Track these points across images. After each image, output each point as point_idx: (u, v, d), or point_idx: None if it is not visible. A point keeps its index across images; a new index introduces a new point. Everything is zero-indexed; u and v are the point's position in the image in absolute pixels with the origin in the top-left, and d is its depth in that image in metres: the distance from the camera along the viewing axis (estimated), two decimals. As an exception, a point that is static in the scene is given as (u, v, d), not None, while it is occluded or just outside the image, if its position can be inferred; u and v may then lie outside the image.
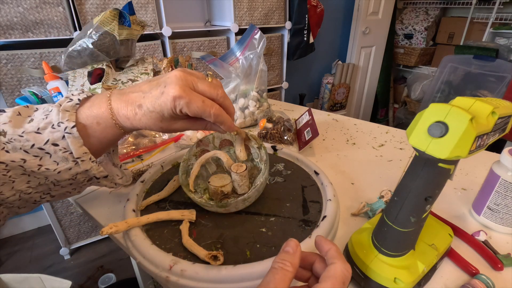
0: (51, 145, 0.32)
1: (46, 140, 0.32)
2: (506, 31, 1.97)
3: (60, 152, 0.33)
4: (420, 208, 0.28)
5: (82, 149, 0.34)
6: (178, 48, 1.43)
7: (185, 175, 0.45)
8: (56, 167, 0.33)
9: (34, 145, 0.32)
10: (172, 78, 0.33)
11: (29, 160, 0.32)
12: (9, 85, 1.12)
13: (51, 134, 0.32)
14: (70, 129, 0.33)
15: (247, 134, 0.46)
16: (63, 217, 1.40)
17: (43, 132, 0.32)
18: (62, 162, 0.33)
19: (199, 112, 0.34)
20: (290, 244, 0.26)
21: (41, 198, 0.37)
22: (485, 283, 0.32)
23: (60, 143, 0.33)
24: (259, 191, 0.42)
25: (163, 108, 0.33)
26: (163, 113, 0.33)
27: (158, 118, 0.34)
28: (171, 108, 0.33)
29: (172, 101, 0.32)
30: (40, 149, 0.32)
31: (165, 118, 0.34)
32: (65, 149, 0.33)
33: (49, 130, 0.33)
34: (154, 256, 0.34)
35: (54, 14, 1.10)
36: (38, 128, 0.33)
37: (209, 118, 0.35)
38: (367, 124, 0.80)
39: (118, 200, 0.49)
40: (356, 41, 2.33)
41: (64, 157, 0.33)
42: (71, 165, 0.34)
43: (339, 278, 0.24)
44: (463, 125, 0.22)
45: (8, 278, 0.53)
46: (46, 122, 0.33)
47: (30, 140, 0.32)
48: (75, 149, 0.33)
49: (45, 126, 0.33)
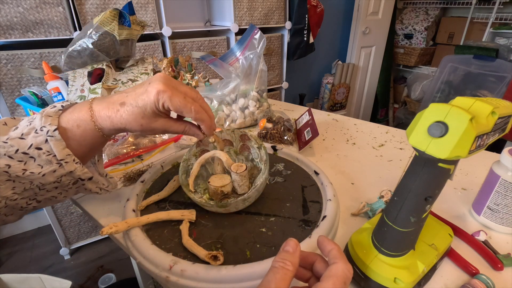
0: (34, 149, 0.33)
1: (29, 145, 0.33)
2: (506, 31, 1.98)
3: (44, 155, 0.33)
4: (420, 208, 0.28)
5: (65, 151, 0.34)
6: (178, 48, 1.43)
7: (185, 175, 0.45)
8: (40, 170, 0.33)
9: (18, 150, 0.33)
10: (156, 77, 0.36)
11: (13, 166, 0.32)
12: (9, 85, 1.12)
13: (34, 138, 0.33)
14: (52, 132, 0.33)
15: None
16: (63, 217, 1.40)
17: (27, 138, 0.33)
18: (46, 165, 0.34)
19: (181, 106, 0.35)
20: (289, 244, 0.26)
21: (27, 204, 0.37)
22: (485, 283, 0.32)
23: (43, 146, 0.33)
24: (259, 191, 0.42)
25: (146, 103, 0.34)
26: (146, 108, 0.35)
27: (139, 114, 0.35)
28: (154, 101, 0.34)
29: (156, 95, 0.34)
30: (24, 153, 0.33)
31: (147, 115, 0.35)
32: (49, 152, 0.33)
33: (32, 135, 0.33)
34: (154, 256, 0.34)
35: (54, 14, 1.10)
36: (22, 134, 0.33)
37: (190, 114, 0.36)
38: (367, 124, 0.80)
39: (118, 200, 0.49)
40: (356, 41, 2.33)
41: (48, 160, 0.33)
42: (55, 167, 0.34)
43: (340, 277, 0.24)
44: (463, 125, 0.22)
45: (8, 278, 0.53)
46: (29, 128, 0.34)
47: (14, 145, 0.33)
48: (58, 151, 0.33)
49: (29, 131, 0.34)
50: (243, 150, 0.49)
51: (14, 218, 0.38)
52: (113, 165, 0.57)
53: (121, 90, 0.72)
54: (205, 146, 0.49)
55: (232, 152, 0.49)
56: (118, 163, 0.58)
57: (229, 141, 0.49)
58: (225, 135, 0.49)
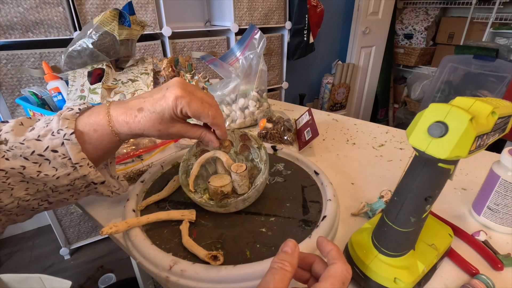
0: (50, 152, 0.33)
1: (46, 147, 0.33)
2: (506, 31, 1.98)
3: (59, 158, 0.33)
4: (420, 208, 0.28)
5: (80, 154, 0.34)
6: (178, 48, 1.43)
7: (185, 175, 0.45)
8: (55, 173, 0.34)
9: (34, 152, 0.33)
10: (173, 82, 0.36)
11: (28, 167, 0.33)
12: (9, 85, 1.12)
13: (51, 141, 0.33)
14: (69, 136, 0.33)
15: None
16: (63, 217, 1.40)
17: (43, 139, 0.33)
18: (61, 168, 0.34)
19: (199, 112, 0.35)
20: (288, 244, 0.26)
21: (39, 205, 0.37)
22: (485, 283, 0.32)
23: (59, 149, 0.33)
24: (259, 191, 0.42)
25: (164, 108, 0.35)
26: (164, 113, 0.35)
27: (157, 119, 0.35)
28: (173, 107, 0.34)
29: (174, 100, 0.34)
30: (40, 155, 0.33)
31: (164, 120, 0.35)
32: (64, 155, 0.34)
33: (49, 137, 0.33)
34: (154, 256, 0.34)
35: (54, 14, 1.10)
36: (39, 136, 0.34)
37: (207, 119, 0.37)
38: (367, 124, 0.80)
39: (118, 200, 0.49)
40: (356, 41, 2.33)
41: (63, 163, 0.34)
42: (69, 171, 0.34)
43: (339, 278, 0.24)
44: (463, 125, 0.22)
45: (8, 278, 0.53)
46: (46, 130, 0.34)
47: (30, 147, 0.33)
48: (74, 155, 0.34)
49: (45, 133, 0.34)
50: (243, 150, 0.49)
51: (24, 218, 0.38)
52: (113, 165, 0.57)
53: (121, 90, 0.72)
54: (205, 146, 0.49)
55: (232, 152, 0.49)
56: (118, 163, 0.58)
57: (229, 141, 0.49)
58: None
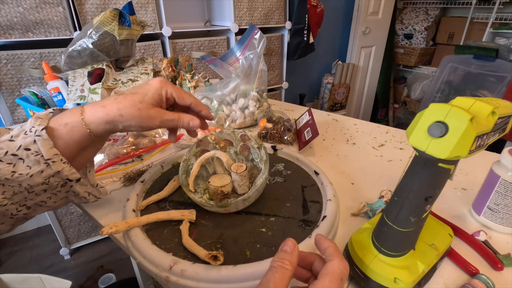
0: (23, 150, 0.33)
1: (18, 146, 0.33)
2: (506, 31, 1.98)
3: (32, 156, 0.33)
4: (420, 208, 0.28)
5: (53, 150, 0.34)
6: (178, 48, 1.43)
7: (185, 175, 0.45)
8: (28, 171, 0.33)
9: (7, 152, 0.33)
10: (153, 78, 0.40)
11: (3, 168, 0.33)
12: (9, 85, 1.12)
13: (23, 139, 0.34)
14: (39, 132, 0.34)
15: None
16: (63, 217, 1.40)
17: (16, 139, 0.34)
18: (34, 165, 0.34)
19: (182, 92, 0.40)
20: (287, 244, 0.26)
21: (18, 211, 0.36)
22: (485, 283, 0.32)
23: (32, 147, 0.33)
24: (259, 191, 0.42)
25: (148, 90, 0.38)
26: (147, 94, 0.37)
27: (138, 98, 0.37)
28: (158, 88, 0.38)
29: (159, 83, 0.38)
30: (13, 155, 0.33)
31: (146, 100, 0.37)
32: (37, 152, 0.34)
33: (21, 137, 0.34)
34: (154, 256, 0.34)
35: (54, 14, 1.10)
36: (12, 136, 0.34)
37: (191, 98, 0.41)
38: (367, 124, 0.80)
39: (118, 200, 0.49)
40: (356, 41, 2.33)
41: (36, 160, 0.34)
42: (42, 167, 0.34)
43: (337, 274, 0.24)
44: (463, 125, 0.22)
45: (8, 278, 0.53)
46: (19, 130, 0.35)
47: (3, 148, 0.33)
48: (46, 151, 0.33)
49: (18, 133, 0.34)
50: (243, 150, 0.49)
51: (5, 227, 0.37)
52: (113, 165, 0.57)
53: (121, 90, 0.72)
54: (205, 146, 0.49)
55: (232, 152, 0.49)
56: (118, 163, 0.58)
57: (229, 141, 0.49)
58: (225, 135, 0.49)
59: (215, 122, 0.72)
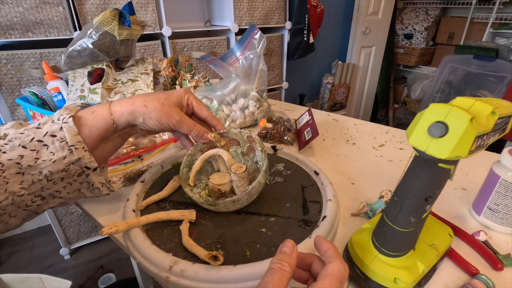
0: (49, 137, 0.35)
1: (45, 133, 0.35)
2: (506, 31, 1.98)
3: (57, 142, 0.35)
4: (420, 208, 0.28)
5: (77, 137, 0.36)
6: (178, 48, 1.43)
7: (186, 169, 0.45)
8: (52, 157, 0.35)
9: (33, 139, 0.34)
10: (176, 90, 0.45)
11: (26, 155, 0.34)
12: (9, 85, 1.12)
13: (50, 126, 0.36)
14: (67, 119, 0.36)
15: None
16: (63, 217, 1.40)
17: (43, 127, 0.36)
18: (58, 151, 0.35)
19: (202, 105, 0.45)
20: (286, 245, 0.26)
21: (32, 201, 0.37)
22: (485, 283, 0.32)
23: (57, 134, 0.35)
24: (251, 195, 0.41)
25: (173, 92, 0.43)
26: (172, 94, 0.42)
27: (164, 96, 0.41)
28: (181, 93, 0.43)
29: (184, 91, 0.44)
30: (39, 141, 0.35)
31: (170, 99, 0.41)
32: (62, 139, 0.35)
33: (49, 124, 0.36)
34: (154, 256, 0.34)
35: (54, 14, 1.10)
36: (39, 124, 0.36)
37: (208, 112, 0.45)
38: (367, 124, 0.80)
39: (118, 200, 0.49)
40: (356, 41, 2.33)
41: (60, 147, 0.35)
42: (66, 154, 0.35)
43: (337, 276, 0.24)
44: (463, 125, 0.22)
45: (8, 278, 0.53)
46: (47, 119, 0.37)
47: (30, 134, 0.35)
48: (70, 138, 0.35)
49: (46, 121, 0.36)
50: (249, 151, 0.49)
51: (16, 222, 0.38)
52: (113, 165, 0.57)
53: (121, 90, 0.72)
54: (212, 143, 0.49)
55: (239, 152, 0.49)
56: (118, 163, 0.58)
57: (236, 141, 0.49)
58: (232, 134, 0.48)
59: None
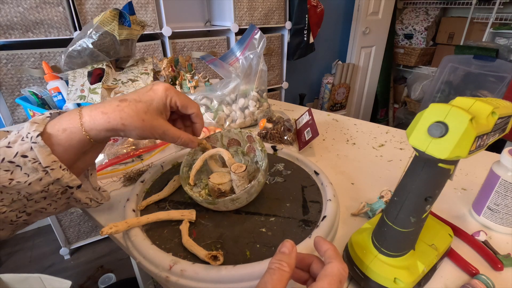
0: (20, 157, 0.32)
1: (15, 153, 0.32)
2: (506, 31, 1.97)
3: (30, 163, 0.32)
4: (420, 208, 0.28)
5: (51, 157, 0.32)
6: (178, 48, 1.43)
7: (186, 168, 0.46)
8: (26, 179, 0.32)
9: (4, 159, 0.32)
10: (157, 82, 0.38)
11: (0, 176, 0.31)
12: (9, 85, 1.12)
13: (20, 146, 0.32)
14: (35, 138, 0.32)
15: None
16: (63, 217, 1.40)
17: (13, 146, 0.32)
18: (32, 173, 0.32)
19: (186, 101, 0.39)
20: (285, 245, 0.26)
21: (17, 217, 0.35)
22: (485, 283, 0.32)
23: (28, 154, 0.32)
24: (250, 194, 0.41)
25: (153, 98, 0.36)
26: (152, 103, 0.36)
27: (143, 108, 0.35)
28: (163, 97, 0.37)
29: (164, 91, 0.37)
30: (10, 162, 0.32)
31: (151, 110, 0.36)
32: (34, 159, 0.32)
33: (18, 143, 0.32)
34: (154, 256, 0.34)
35: (54, 14, 1.10)
36: (9, 143, 0.32)
37: (194, 109, 0.40)
38: (367, 124, 0.80)
39: (118, 200, 0.49)
40: (356, 41, 2.33)
41: (33, 168, 0.32)
42: (41, 175, 0.33)
43: (336, 276, 0.24)
44: (463, 125, 0.22)
45: (8, 278, 0.53)
46: (17, 136, 0.33)
47: (1, 154, 0.32)
48: (43, 158, 0.32)
49: (16, 139, 0.33)
50: (249, 151, 0.49)
51: (6, 233, 0.37)
52: (113, 165, 0.57)
53: (121, 90, 0.72)
54: (213, 143, 0.49)
55: (240, 152, 0.49)
56: (118, 163, 0.58)
57: (237, 141, 0.49)
58: (233, 134, 0.49)
59: (215, 122, 0.72)
